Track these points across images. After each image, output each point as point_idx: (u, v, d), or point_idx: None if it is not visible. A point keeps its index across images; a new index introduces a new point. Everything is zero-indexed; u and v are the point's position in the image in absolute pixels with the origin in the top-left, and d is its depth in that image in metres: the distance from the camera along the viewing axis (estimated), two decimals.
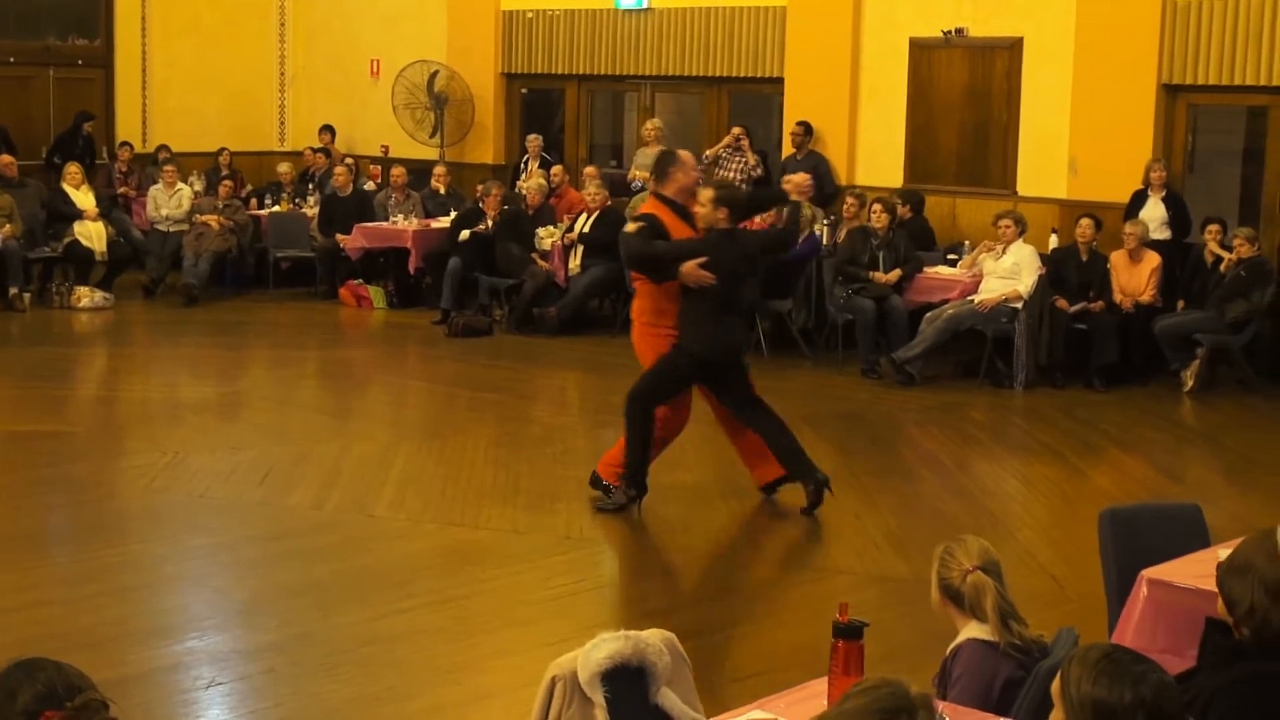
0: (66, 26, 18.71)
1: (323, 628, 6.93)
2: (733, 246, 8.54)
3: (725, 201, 8.56)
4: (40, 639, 6.50)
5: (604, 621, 6.67)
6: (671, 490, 9.27)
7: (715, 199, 8.54)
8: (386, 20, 19.03)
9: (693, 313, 8.53)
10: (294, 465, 9.61)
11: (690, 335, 8.56)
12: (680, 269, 8.39)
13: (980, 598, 4.29)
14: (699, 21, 16.60)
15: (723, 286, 8.42)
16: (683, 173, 8.81)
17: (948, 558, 4.39)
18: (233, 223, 16.43)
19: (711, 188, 8.77)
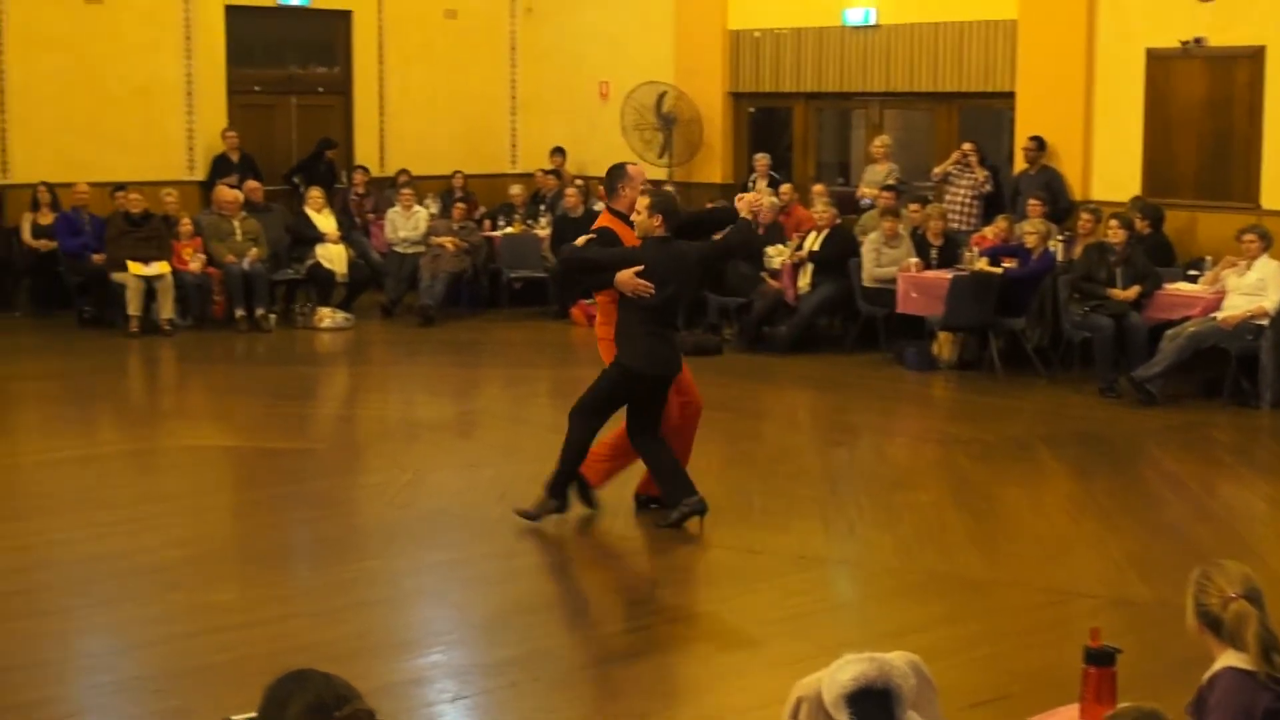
0: (308, 55, 19.30)
1: (561, 644, 7.01)
2: (669, 255, 8.50)
3: (660, 209, 8.53)
4: (287, 651, 6.69)
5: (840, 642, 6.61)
6: (906, 509, 9.19)
7: (650, 206, 8.52)
8: (614, 42, 19.23)
9: (628, 326, 8.52)
10: (530, 482, 9.69)
11: (626, 349, 8.54)
12: (616, 277, 8.38)
13: (1241, 627, 4.14)
14: (927, 37, 16.44)
15: (657, 297, 8.42)
16: (631, 188, 8.81)
17: (1206, 583, 4.25)
18: (467, 244, 16.77)
19: (647, 195, 8.71)
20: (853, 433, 11.79)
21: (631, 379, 8.58)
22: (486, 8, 20.17)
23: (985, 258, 13.57)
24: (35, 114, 17.04)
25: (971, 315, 13.38)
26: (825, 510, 9.19)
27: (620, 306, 8.56)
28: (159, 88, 17.83)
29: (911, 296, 13.81)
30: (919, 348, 13.85)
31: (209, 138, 18.09)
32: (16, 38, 16.88)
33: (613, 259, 8.52)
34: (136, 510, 9.22)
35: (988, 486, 9.92)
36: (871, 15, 16.87)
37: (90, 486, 9.79)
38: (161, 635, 7.08)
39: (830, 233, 14.74)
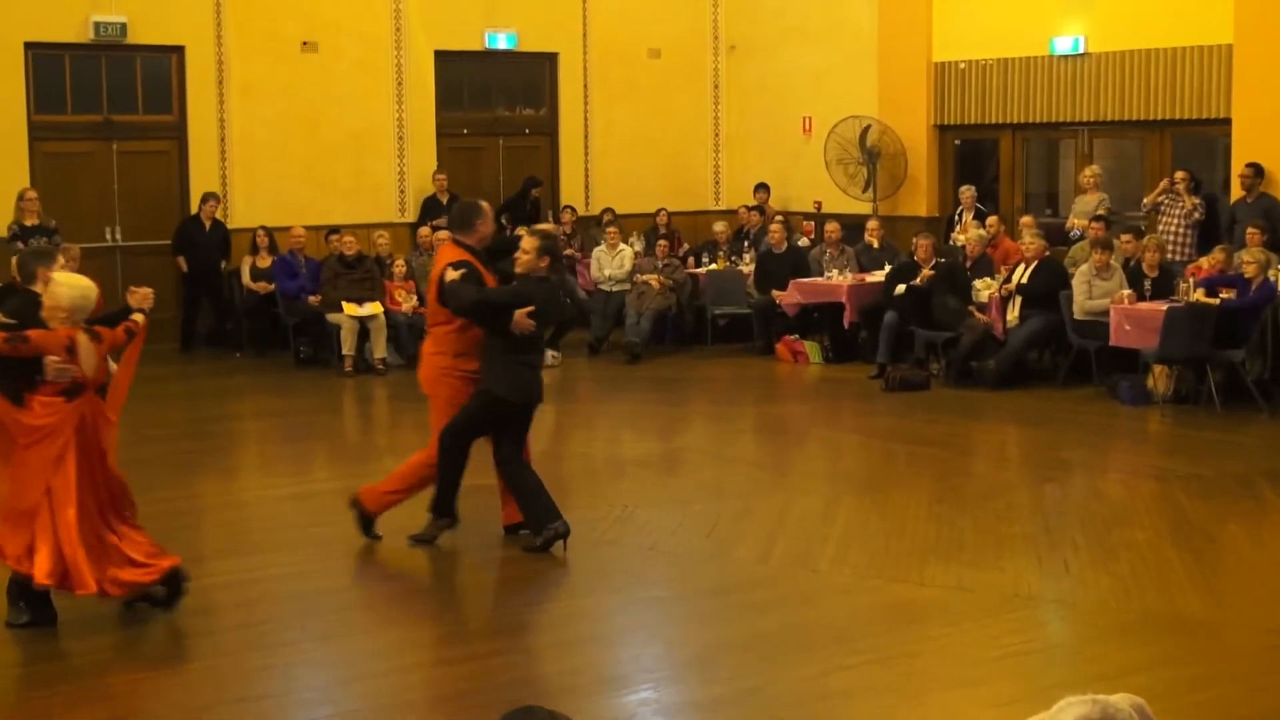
0: (515, 97, 19.63)
1: (771, 681, 6.97)
2: (549, 292, 9.02)
3: (548, 251, 8.99)
4: (501, 687, 6.78)
5: (1056, 683, 6.49)
6: (1123, 548, 8.98)
7: (540, 249, 8.90)
8: (817, 77, 19.21)
9: (497, 356, 8.88)
10: (738, 519, 9.73)
11: (496, 379, 8.90)
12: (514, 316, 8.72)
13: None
14: (1139, 64, 16.14)
15: (536, 331, 8.93)
16: (485, 224, 9.17)
17: None
18: (672, 281, 16.86)
19: (535, 236, 9.01)
20: (1065, 469, 11.56)
21: (500, 406, 8.99)
22: (689, 46, 20.32)
23: (1201, 288, 13.23)
24: (254, 161, 17.59)
25: (1188, 347, 13.03)
26: (1038, 548, 9.02)
27: (487, 337, 8.90)
28: (371, 133, 18.29)
29: (1125, 329, 13.52)
30: (1133, 381, 13.54)
31: (419, 180, 18.49)
32: (236, 87, 17.46)
33: (515, 299, 8.83)
34: (352, 546, 9.39)
35: (1208, 524, 9.65)
36: (1080, 43, 16.62)
37: (307, 523, 10.01)
38: (379, 669, 7.21)
39: (1039, 265, 14.51)
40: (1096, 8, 16.55)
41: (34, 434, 7.52)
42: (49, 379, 7.53)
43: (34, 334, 7.46)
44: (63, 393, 7.55)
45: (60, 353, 7.49)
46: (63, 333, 7.50)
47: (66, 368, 7.50)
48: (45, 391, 7.54)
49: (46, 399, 7.54)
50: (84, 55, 16.87)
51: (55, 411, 7.53)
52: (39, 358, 7.50)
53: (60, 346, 7.48)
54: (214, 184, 17.26)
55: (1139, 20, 16.12)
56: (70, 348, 7.49)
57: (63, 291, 7.59)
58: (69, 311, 7.55)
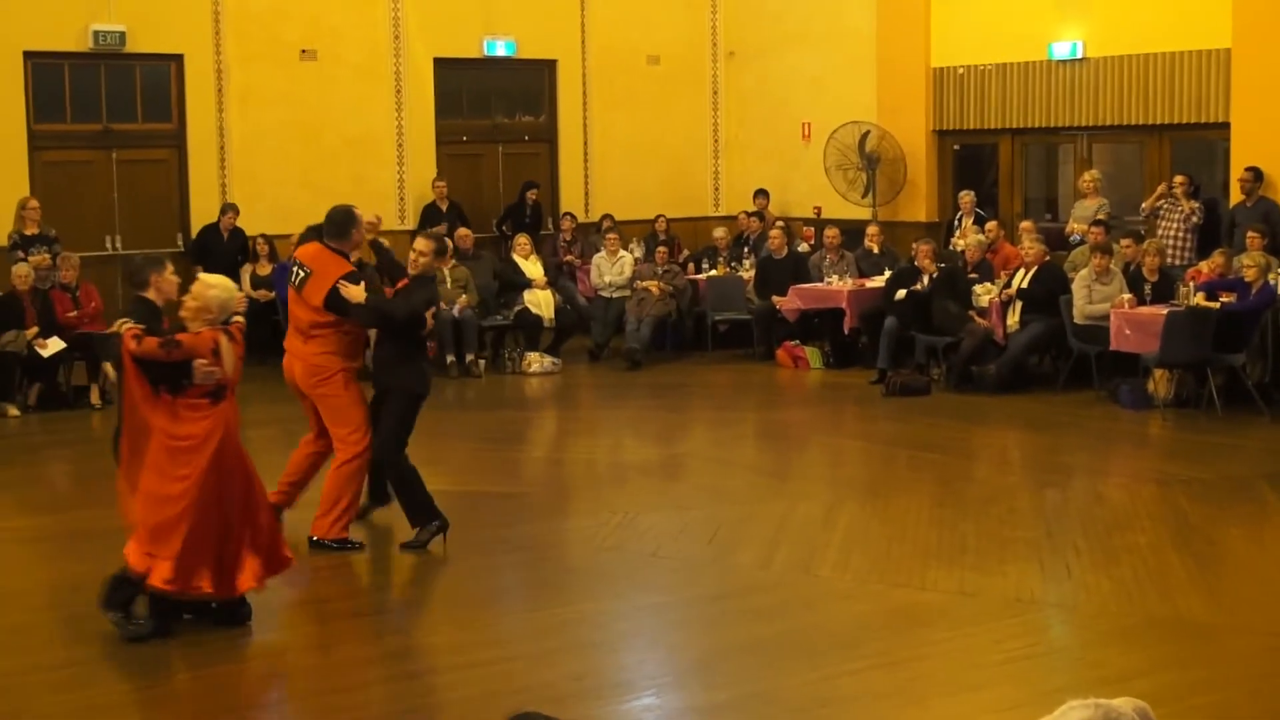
0: (514, 105, 19.64)
1: (774, 687, 6.97)
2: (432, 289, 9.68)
3: (441, 252, 9.86)
4: (503, 693, 6.78)
5: (1059, 688, 6.49)
6: (1124, 551, 8.99)
7: (436, 250, 9.54)
8: (816, 83, 19.23)
9: (406, 356, 9.31)
10: (739, 525, 9.74)
11: (409, 377, 9.29)
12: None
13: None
14: (1137, 69, 16.16)
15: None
16: (359, 231, 9.46)
17: None
18: (672, 287, 16.87)
19: (430, 239, 9.51)
20: (1066, 473, 11.56)
21: (418, 401, 9.34)
22: (688, 53, 20.34)
23: (1202, 292, 13.24)
24: (254, 168, 17.60)
25: (1188, 351, 13.04)
26: (1040, 552, 9.02)
27: (390, 338, 9.28)
28: (371, 140, 18.31)
29: (1125, 333, 13.52)
30: (1134, 385, 13.55)
31: (419, 187, 18.50)
32: (236, 95, 17.47)
33: (426, 304, 9.33)
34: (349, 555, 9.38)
35: (1209, 528, 9.65)
36: (1079, 48, 16.64)
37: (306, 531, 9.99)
38: (379, 676, 7.21)
39: (1039, 270, 14.51)
40: (1094, 13, 16.57)
41: (181, 438, 7.44)
42: (196, 382, 7.46)
43: (185, 338, 7.43)
44: (208, 395, 7.49)
45: (208, 355, 7.44)
46: (208, 335, 7.45)
47: (213, 370, 7.45)
48: (191, 395, 7.47)
49: (193, 402, 7.46)
50: (83, 64, 16.88)
51: (203, 415, 7.46)
52: (187, 362, 7.44)
53: (208, 349, 7.44)
54: (213, 192, 17.27)
55: (1137, 25, 16.14)
56: (215, 350, 7.45)
57: (213, 294, 7.57)
58: (216, 313, 7.54)
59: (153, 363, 7.43)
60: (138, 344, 7.42)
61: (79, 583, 8.81)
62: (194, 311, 7.55)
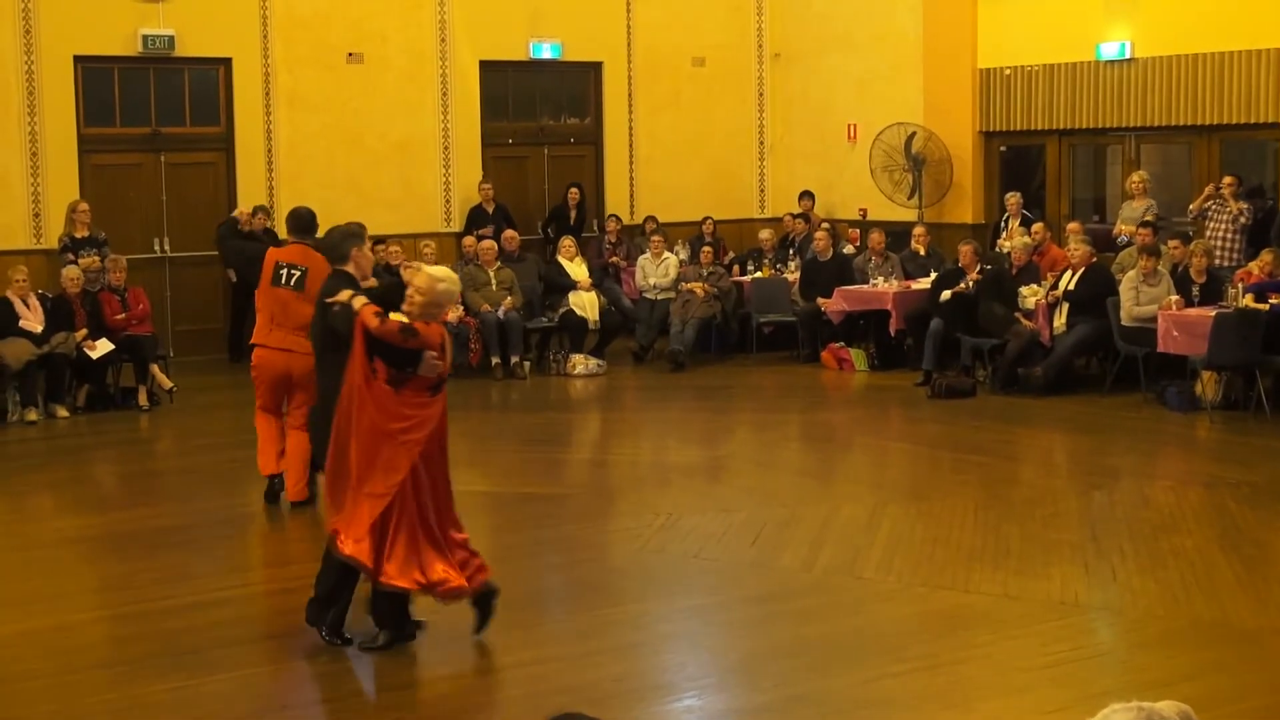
0: (559, 107, 19.68)
1: (817, 689, 6.95)
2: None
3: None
4: (545, 694, 6.78)
5: (1104, 691, 6.45)
6: (1171, 555, 8.92)
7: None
8: (862, 84, 19.18)
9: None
10: (783, 527, 9.71)
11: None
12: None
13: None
14: (1186, 69, 16.05)
15: None
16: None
17: None
18: (717, 289, 16.85)
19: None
20: (1113, 475, 11.48)
21: None
22: (734, 55, 20.32)
23: (1250, 294, 13.12)
24: (301, 172, 17.68)
25: (1236, 354, 12.93)
26: (1085, 555, 8.96)
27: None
28: (417, 143, 18.36)
29: (1173, 335, 13.42)
30: (1181, 388, 13.45)
31: (465, 190, 18.55)
32: (283, 99, 17.56)
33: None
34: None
35: (1258, 531, 9.57)
36: (1127, 48, 16.54)
37: None
38: (424, 678, 7.24)
39: (1086, 271, 14.42)
40: (1143, 12, 16.46)
41: (397, 430, 7.28)
42: (421, 373, 7.32)
43: (421, 327, 7.26)
44: (430, 388, 7.37)
45: (437, 348, 7.32)
46: (438, 328, 7.36)
47: (438, 362, 7.33)
48: (414, 386, 7.33)
49: (415, 393, 7.35)
50: (132, 68, 17.00)
51: (424, 406, 7.35)
52: (416, 352, 7.30)
53: (438, 342, 7.33)
54: (261, 195, 17.35)
55: (1186, 24, 16.02)
56: (443, 343, 7.36)
57: (442, 288, 7.39)
58: (442, 306, 7.44)
59: (383, 347, 7.28)
60: (380, 322, 7.25)
61: (124, 583, 8.89)
62: (421, 306, 7.33)
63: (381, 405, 7.27)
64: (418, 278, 7.41)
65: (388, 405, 7.28)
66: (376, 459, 7.27)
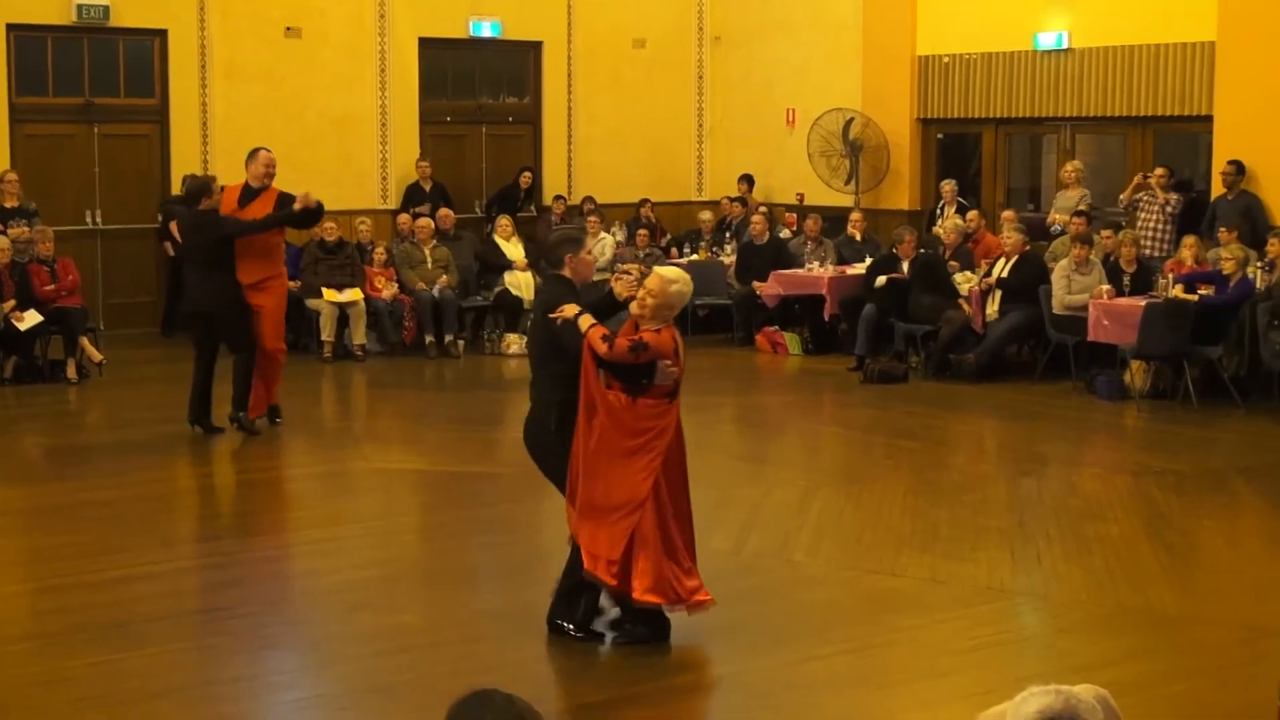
0: (498, 86, 19.60)
1: (744, 670, 6.98)
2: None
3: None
4: (471, 673, 6.76)
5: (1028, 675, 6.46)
6: (1096, 541, 9.00)
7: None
8: (801, 70, 19.21)
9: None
10: (714, 509, 9.71)
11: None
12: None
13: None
14: (1121, 60, 16.16)
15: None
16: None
17: None
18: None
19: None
20: (1041, 462, 11.57)
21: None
22: (674, 37, 20.30)
23: (1180, 284, 13.26)
24: (236, 145, 17.46)
25: (1165, 343, 13.06)
26: (1012, 541, 9.03)
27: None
28: (354, 119, 18.25)
29: (1103, 324, 13.53)
30: (1111, 376, 13.57)
31: (402, 167, 18.46)
32: (219, 72, 17.41)
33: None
34: (327, 531, 9.40)
35: (1182, 519, 9.68)
36: (1064, 39, 16.65)
37: (281, 508, 10.03)
38: (348, 654, 7.20)
39: (1019, 259, 14.52)
40: (1080, 4, 16.56)
41: (639, 439, 7.08)
42: (658, 382, 7.07)
43: (650, 338, 7.00)
44: (667, 395, 7.12)
45: (671, 355, 7.06)
46: (668, 333, 7.07)
47: (674, 370, 7.10)
48: (652, 394, 7.09)
49: (653, 402, 7.10)
50: (66, 38, 16.81)
51: (661, 415, 7.09)
52: (652, 363, 7.06)
53: (670, 348, 7.07)
54: (195, 168, 17.17)
55: (1122, 16, 16.13)
56: (676, 349, 7.09)
57: (675, 289, 7.12)
58: (674, 308, 7.14)
59: (614, 365, 7.08)
60: (608, 348, 7.02)
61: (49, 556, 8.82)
62: (654, 310, 7.08)
63: (619, 421, 7.08)
64: (650, 279, 7.16)
65: (624, 420, 7.08)
66: (619, 477, 7.11)
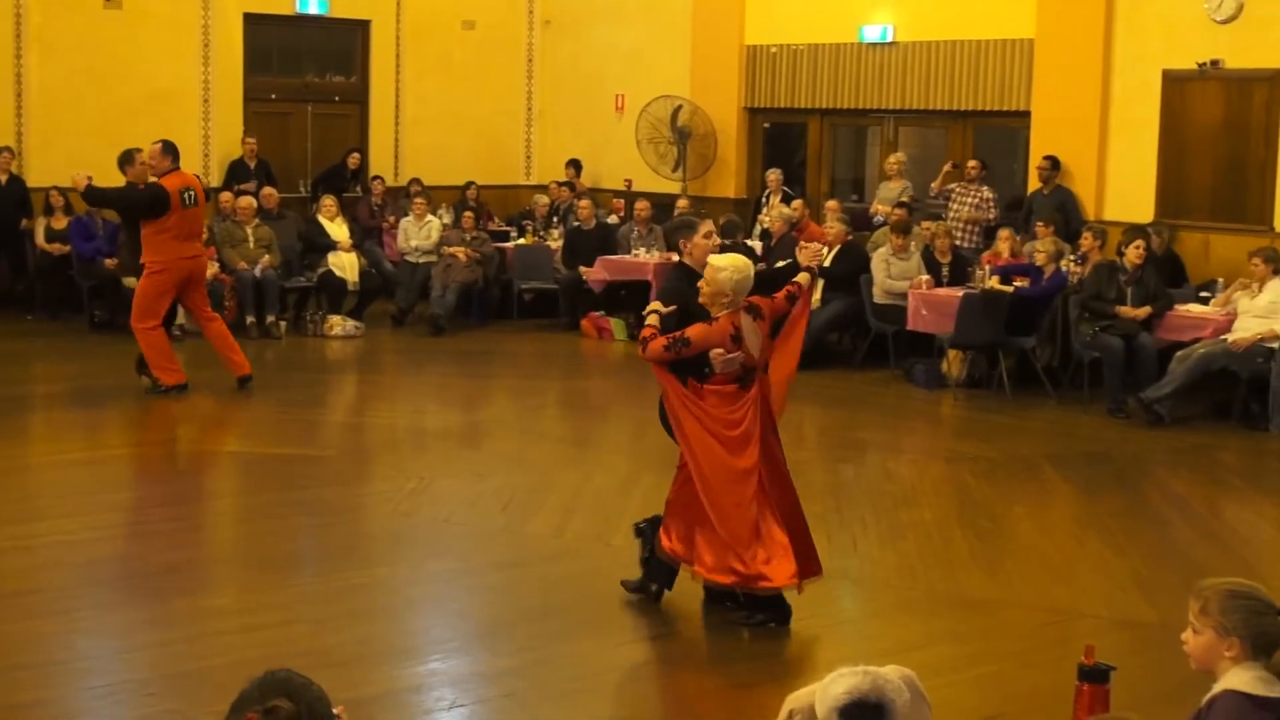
0: (325, 64, 19.36)
1: (562, 654, 7.00)
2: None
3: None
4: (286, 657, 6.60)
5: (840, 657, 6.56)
6: (910, 527, 9.18)
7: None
8: (631, 56, 19.26)
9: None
10: (535, 493, 9.74)
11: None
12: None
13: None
14: (944, 55, 16.45)
15: None
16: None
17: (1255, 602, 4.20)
18: (479, 255, 16.78)
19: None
20: (860, 449, 11.76)
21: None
22: (505, 20, 20.22)
23: (996, 276, 13.56)
24: (52, 118, 17.10)
25: (981, 333, 13.36)
26: (829, 526, 9.14)
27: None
28: (176, 94, 17.89)
29: (922, 314, 13.80)
30: (928, 365, 13.84)
31: (225, 145, 18.14)
32: (35, 41, 16.95)
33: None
34: (142, 514, 9.24)
35: (993, 505, 9.90)
36: (889, 32, 16.89)
37: (93, 490, 9.80)
38: (160, 639, 7.08)
39: (842, 249, 14.72)
40: None
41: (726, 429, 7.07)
42: (719, 371, 7.00)
43: (695, 332, 6.94)
44: (735, 381, 7.03)
45: (726, 342, 6.96)
46: (725, 321, 6.96)
47: (733, 357, 6.97)
48: (716, 382, 7.04)
49: (719, 388, 7.04)
50: None
51: (730, 401, 7.05)
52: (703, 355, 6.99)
53: (724, 336, 6.95)
54: (8, 139, 16.73)
55: (945, 12, 16.43)
56: (735, 335, 6.96)
57: (724, 276, 6.98)
58: (732, 295, 6.99)
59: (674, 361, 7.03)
60: (643, 350, 7.07)
61: None
62: (710, 297, 7.00)
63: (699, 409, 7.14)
64: (709, 270, 7.10)
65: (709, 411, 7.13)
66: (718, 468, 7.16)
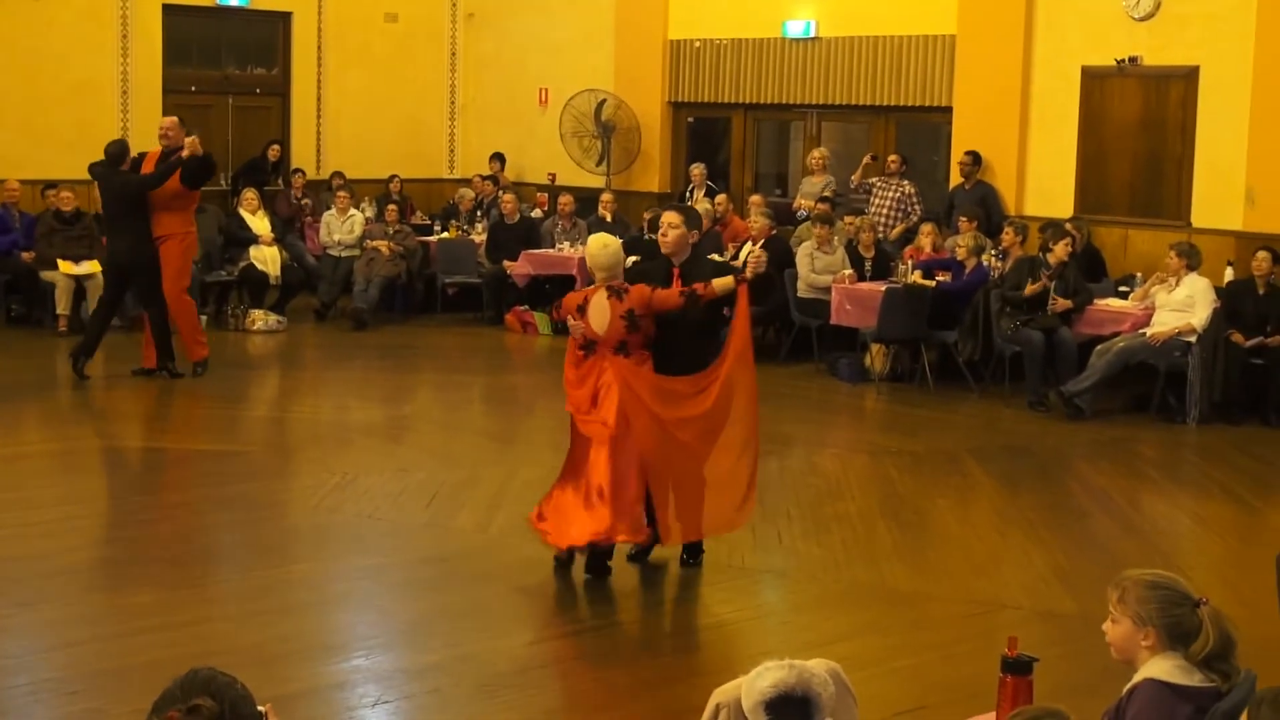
0: (245, 57, 19.19)
1: (487, 649, 6.97)
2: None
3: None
4: (208, 654, 6.60)
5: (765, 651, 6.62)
6: (834, 520, 9.22)
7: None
8: (555, 50, 19.22)
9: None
10: (460, 488, 9.71)
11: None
12: None
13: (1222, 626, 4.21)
14: (866, 50, 16.53)
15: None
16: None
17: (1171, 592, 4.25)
18: (402, 248, 16.70)
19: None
20: (783, 443, 11.78)
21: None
22: (427, 12, 20.13)
23: (919, 271, 13.64)
24: None
25: (904, 328, 13.44)
26: (753, 520, 9.14)
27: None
28: (94, 85, 17.69)
29: (845, 308, 13.86)
30: (851, 359, 13.91)
31: (144, 137, 17.90)
32: None
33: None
34: (60, 511, 9.12)
35: (916, 498, 9.97)
36: (812, 27, 16.95)
37: (13, 486, 9.68)
38: (80, 637, 7.00)
39: (765, 244, 14.71)
40: None
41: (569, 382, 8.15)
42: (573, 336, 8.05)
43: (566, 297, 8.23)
44: (581, 349, 8.00)
45: (573, 311, 7.96)
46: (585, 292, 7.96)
47: (575, 325, 7.95)
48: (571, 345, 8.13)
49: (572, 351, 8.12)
50: None
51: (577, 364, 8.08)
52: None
53: (573, 306, 7.99)
54: None
55: (868, 7, 16.50)
56: (581, 306, 7.89)
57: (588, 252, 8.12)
58: (598, 271, 7.96)
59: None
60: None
61: None
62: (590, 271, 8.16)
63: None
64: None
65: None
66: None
